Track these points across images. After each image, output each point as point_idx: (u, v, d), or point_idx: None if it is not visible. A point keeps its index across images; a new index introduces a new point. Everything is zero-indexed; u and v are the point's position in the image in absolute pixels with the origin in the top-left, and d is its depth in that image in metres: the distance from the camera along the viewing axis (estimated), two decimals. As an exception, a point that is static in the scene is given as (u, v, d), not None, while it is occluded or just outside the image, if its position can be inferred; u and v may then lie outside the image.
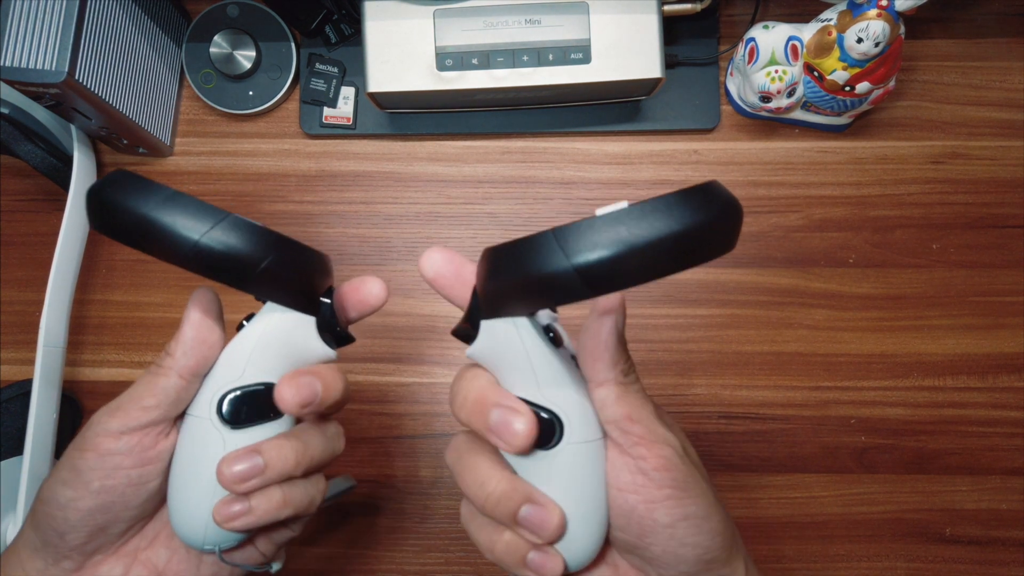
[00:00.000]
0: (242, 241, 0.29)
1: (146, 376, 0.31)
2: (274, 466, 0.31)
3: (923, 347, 0.58)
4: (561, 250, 0.24)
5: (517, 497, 0.29)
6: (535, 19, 0.51)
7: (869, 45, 0.49)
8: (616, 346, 0.30)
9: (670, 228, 0.24)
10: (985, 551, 0.57)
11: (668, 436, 0.30)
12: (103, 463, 0.30)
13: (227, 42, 0.58)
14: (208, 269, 0.29)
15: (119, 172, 0.30)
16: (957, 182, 0.59)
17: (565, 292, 0.24)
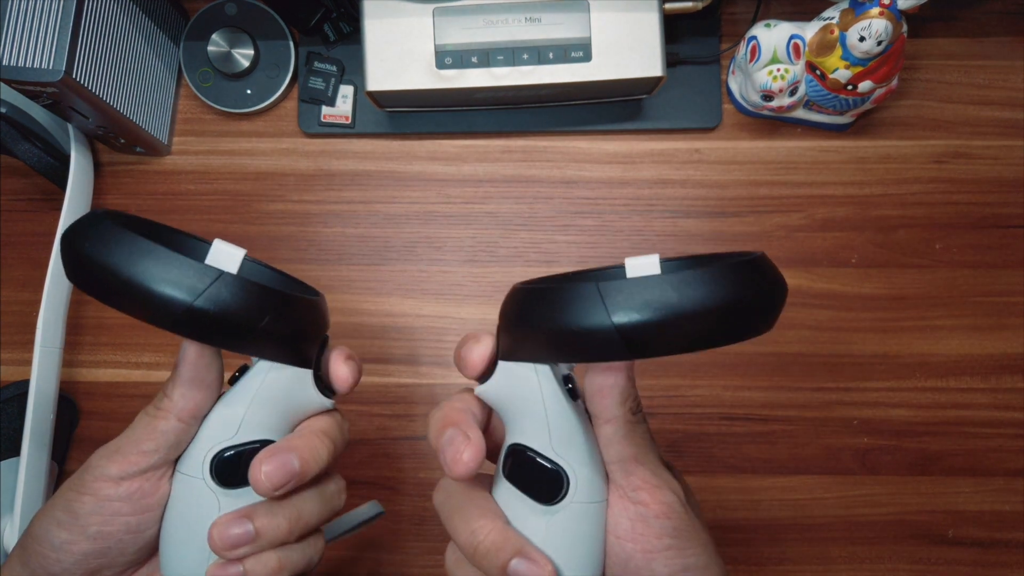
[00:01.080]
0: (240, 302, 0.26)
1: (143, 418, 0.31)
2: (265, 534, 0.30)
3: (926, 348, 0.57)
4: (604, 307, 0.23)
5: (509, 549, 0.28)
6: (535, 17, 0.51)
7: (871, 43, 0.49)
8: (626, 382, 0.29)
9: (720, 300, 0.23)
10: (988, 553, 0.56)
11: (672, 482, 0.29)
12: (101, 509, 0.30)
13: (225, 40, 0.57)
14: (201, 334, 0.27)
15: (97, 215, 0.27)
16: (960, 182, 0.59)
17: (601, 350, 0.24)
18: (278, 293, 0.28)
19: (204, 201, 0.60)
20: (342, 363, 0.33)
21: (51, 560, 0.30)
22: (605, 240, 0.59)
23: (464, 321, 0.58)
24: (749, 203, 0.59)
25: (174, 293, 0.25)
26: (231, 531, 0.29)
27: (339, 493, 0.34)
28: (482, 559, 0.28)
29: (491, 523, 0.29)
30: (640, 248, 0.59)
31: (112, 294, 0.26)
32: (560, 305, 0.24)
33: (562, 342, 0.25)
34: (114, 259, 0.25)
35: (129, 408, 0.35)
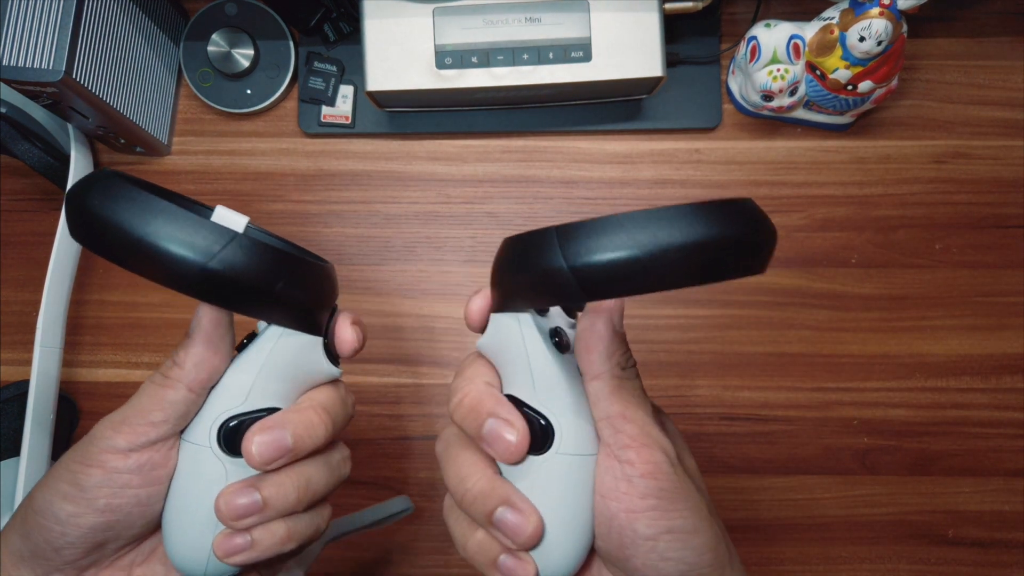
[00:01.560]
0: (255, 264, 0.26)
1: (150, 387, 0.29)
2: (274, 504, 0.30)
3: (926, 348, 0.57)
4: (560, 250, 0.23)
5: (495, 497, 0.28)
6: (535, 17, 0.51)
7: (871, 44, 0.49)
8: (611, 336, 0.28)
9: (681, 238, 0.22)
10: (988, 553, 0.56)
11: (662, 440, 0.28)
12: (110, 481, 0.29)
13: (225, 41, 0.57)
14: (214, 296, 0.26)
15: (106, 173, 0.26)
16: (960, 182, 0.59)
17: (559, 293, 0.23)
18: (293, 257, 0.27)
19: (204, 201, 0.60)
20: (348, 327, 0.33)
21: (55, 533, 0.29)
22: (605, 240, 0.59)
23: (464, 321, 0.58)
24: (749, 203, 0.59)
25: (189, 254, 0.25)
26: (238, 501, 0.29)
27: (344, 462, 0.34)
28: (470, 505, 0.29)
29: (481, 472, 0.29)
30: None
31: (124, 253, 0.25)
32: (524, 251, 0.25)
33: (525, 286, 0.25)
34: (127, 217, 0.24)
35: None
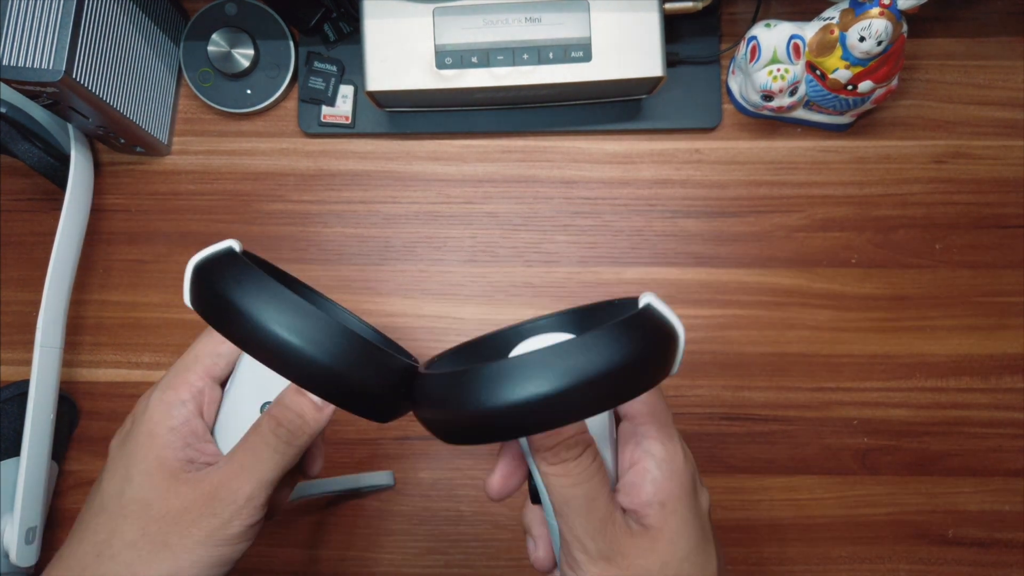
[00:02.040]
0: (382, 380, 0.29)
1: (276, 456, 0.32)
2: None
3: (926, 348, 0.57)
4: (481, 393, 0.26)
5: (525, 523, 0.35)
6: (535, 17, 0.51)
7: (871, 43, 0.49)
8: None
9: (597, 369, 0.25)
10: (988, 553, 0.56)
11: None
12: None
13: (225, 40, 0.57)
14: (334, 398, 0.29)
15: (235, 256, 0.30)
16: (960, 182, 0.59)
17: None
18: (413, 369, 0.31)
19: (204, 201, 0.60)
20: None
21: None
22: (605, 240, 0.59)
23: (464, 321, 0.58)
24: (749, 203, 0.59)
25: (324, 359, 0.27)
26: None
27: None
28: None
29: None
30: (638, 249, 0.59)
31: (254, 346, 0.28)
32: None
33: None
34: (266, 315, 0.27)
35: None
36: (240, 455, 0.32)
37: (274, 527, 0.57)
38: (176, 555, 0.30)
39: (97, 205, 0.59)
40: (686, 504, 0.31)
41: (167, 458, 0.32)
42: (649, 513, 0.30)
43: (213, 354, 0.34)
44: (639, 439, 0.32)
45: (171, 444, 0.32)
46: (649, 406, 0.32)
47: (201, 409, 0.34)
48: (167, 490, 0.31)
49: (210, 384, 0.34)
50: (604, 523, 0.30)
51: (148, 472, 0.32)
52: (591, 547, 0.30)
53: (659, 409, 0.32)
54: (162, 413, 0.33)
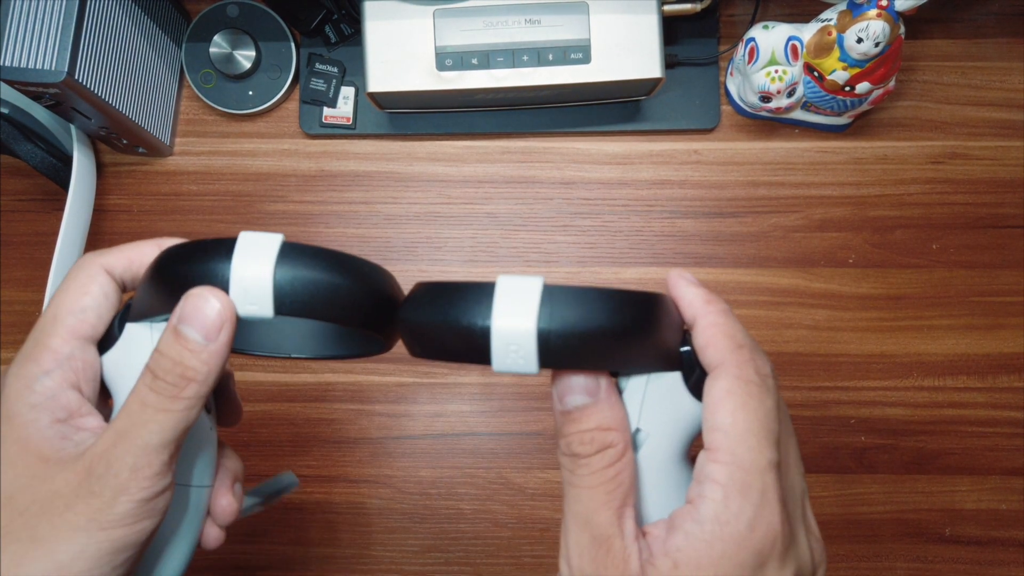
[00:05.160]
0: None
1: (159, 415, 0.26)
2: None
3: (923, 347, 0.58)
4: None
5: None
6: (535, 19, 0.51)
7: (869, 45, 0.49)
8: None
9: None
10: (985, 551, 0.57)
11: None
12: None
13: (227, 42, 0.58)
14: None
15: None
16: (957, 182, 0.59)
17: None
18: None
19: (206, 202, 0.60)
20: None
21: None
22: (604, 240, 0.59)
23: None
24: (747, 204, 0.59)
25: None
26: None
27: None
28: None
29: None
30: (637, 249, 0.59)
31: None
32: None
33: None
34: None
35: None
36: (118, 420, 0.26)
37: (274, 524, 0.57)
38: (51, 549, 0.25)
39: (99, 205, 0.59)
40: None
41: (32, 439, 0.26)
42: (660, 561, 0.24)
43: (76, 310, 0.28)
44: (703, 477, 0.24)
45: (34, 423, 0.26)
46: (731, 441, 0.24)
47: (74, 378, 0.27)
48: (34, 476, 0.26)
49: (80, 346, 0.28)
50: (596, 544, 0.25)
51: (8, 460, 0.26)
52: (574, 562, 0.26)
53: (747, 457, 0.24)
54: (19, 390, 0.27)
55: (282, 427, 0.58)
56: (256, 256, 0.26)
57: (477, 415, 0.58)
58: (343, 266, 0.27)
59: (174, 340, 0.26)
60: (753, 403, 0.24)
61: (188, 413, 0.26)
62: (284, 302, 0.26)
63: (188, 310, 0.26)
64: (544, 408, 0.58)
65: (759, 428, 0.24)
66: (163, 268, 0.27)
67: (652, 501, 0.27)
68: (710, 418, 0.25)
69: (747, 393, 0.24)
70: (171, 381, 0.26)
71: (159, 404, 0.26)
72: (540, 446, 0.58)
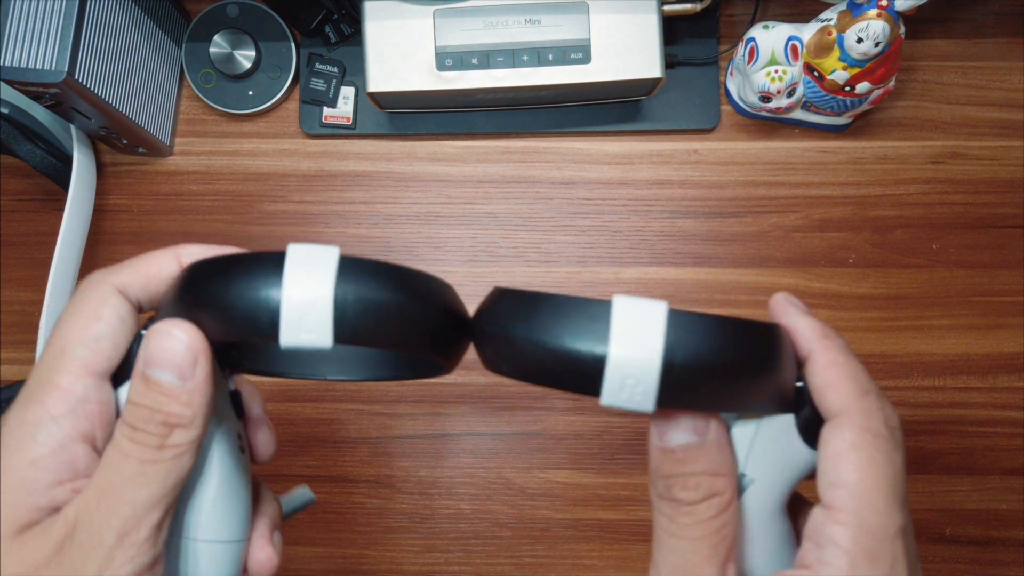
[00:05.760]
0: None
1: (145, 467, 0.23)
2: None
3: (923, 347, 0.58)
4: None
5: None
6: (535, 19, 0.51)
7: (869, 45, 0.49)
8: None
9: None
10: (985, 551, 0.57)
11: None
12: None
13: (227, 42, 0.58)
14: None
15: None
16: (957, 182, 0.59)
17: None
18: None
19: (206, 202, 0.60)
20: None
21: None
22: (604, 240, 0.59)
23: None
24: (747, 203, 0.59)
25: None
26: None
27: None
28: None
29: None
30: (637, 249, 0.59)
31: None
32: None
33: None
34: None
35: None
36: (98, 476, 0.22)
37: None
38: None
39: (99, 205, 0.59)
40: None
41: (21, 505, 0.22)
42: None
43: (88, 340, 0.23)
44: (823, 540, 0.22)
45: (31, 485, 0.22)
46: (859, 499, 0.21)
47: (87, 426, 0.23)
48: (6, 554, 0.21)
49: (94, 384, 0.23)
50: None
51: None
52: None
53: (873, 520, 0.21)
54: (20, 439, 0.22)
55: (282, 427, 0.58)
56: (311, 275, 0.22)
57: (477, 415, 0.58)
58: (411, 286, 0.23)
59: (145, 387, 0.22)
60: (882, 459, 0.22)
61: (178, 462, 0.23)
62: (346, 330, 0.22)
63: (152, 350, 0.23)
64: (544, 408, 0.58)
65: (888, 489, 0.21)
66: (195, 289, 0.23)
67: (751, 554, 0.24)
68: (830, 472, 0.22)
69: (875, 448, 0.22)
70: (152, 431, 0.22)
71: (144, 455, 0.22)
72: (540, 446, 0.58)
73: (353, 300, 0.22)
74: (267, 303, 0.22)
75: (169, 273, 0.25)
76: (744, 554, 0.24)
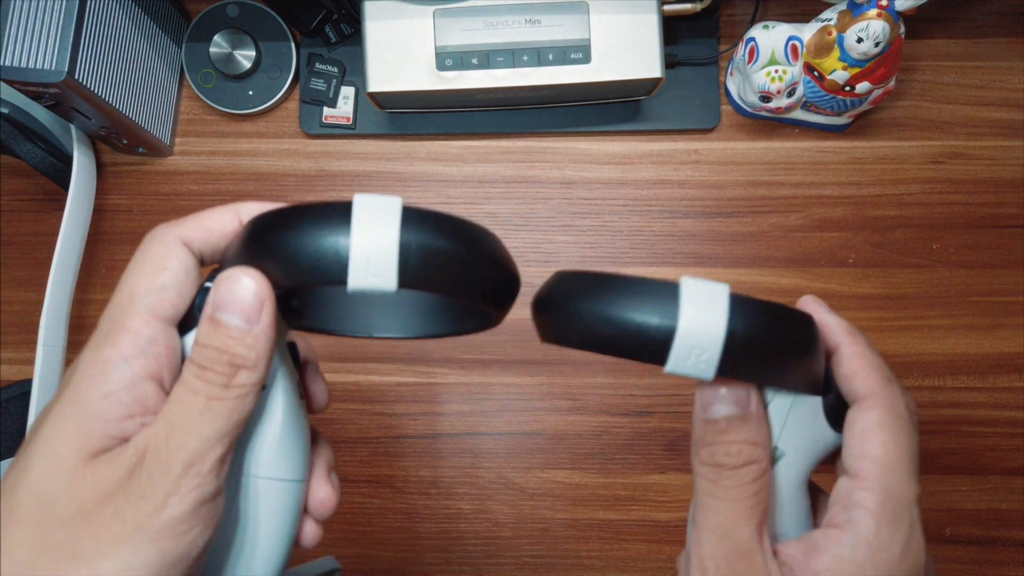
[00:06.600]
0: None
1: (212, 404, 0.24)
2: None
3: (923, 347, 0.58)
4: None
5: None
6: (535, 19, 0.51)
7: (869, 45, 0.49)
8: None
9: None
10: (985, 551, 0.57)
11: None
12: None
13: (227, 42, 0.58)
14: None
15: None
16: (957, 182, 0.59)
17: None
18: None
19: (206, 202, 0.60)
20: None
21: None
22: (604, 240, 0.59)
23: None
24: (747, 203, 0.59)
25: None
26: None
27: None
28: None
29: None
30: (637, 249, 0.59)
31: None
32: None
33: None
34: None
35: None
36: (168, 411, 0.24)
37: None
38: (92, 566, 0.22)
39: (99, 205, 0.59)
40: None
41: (93, 434, 0.23)
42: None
43: (155, 288, 0.25)
44: (851, 503, 0.25)
45: (103, 415, 0.23)
46: (883, 472, 0.24)
47: (156, 367, 0.24)
48: (78, 478, 0.22)
49: (162, 328, 0.24)
50: (736, 556, 0.25)
51: (54, 455, 0.23)
52: (711, 572, 0.25)
53: (897, 489, 0.24)
54: (94, 376, 0.23)
55: (282, 427, 0.58)
56: (378, 221, 0.23)
57: (477, 415, 0.58)
58: (470, 236, 0.25)
59: (214, 330, 0.24)
60: (904, 437, 0.25)
61: (242, 402, 0.24)
62: (409, 275, 0.23)
63: (222, 295, 0.24)
64: (544, 408, 0.58)
65: (908, 463, 0.25)
66: (265, 237, 0.24)
67: (779, 520, 0.27)
68: (858, 447, 0.25)
69: (898, 427, 0.25)
70: (219, 371, 0.23)
71: (210, 392, 0.23)
72: (540, 446, 0.58)
73: (416, 246, 0.23)
74: (336, 247, 0.23)
75: (230, 228, 0.27)
76: (774, 519, 0.27)
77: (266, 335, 0.24)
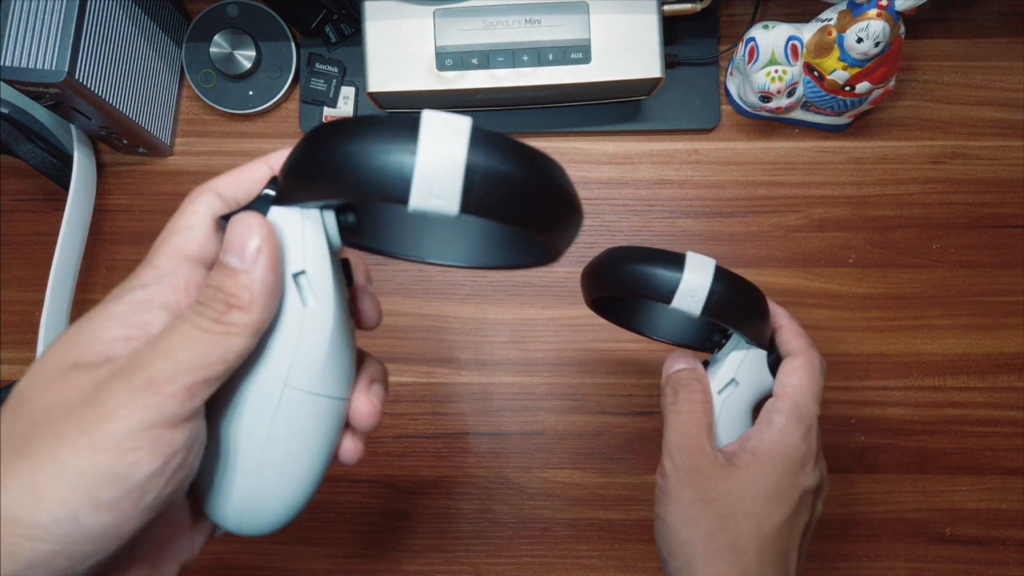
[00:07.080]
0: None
1: (196, 333, 0.23)
2: None
3: (923, 347, 0.58)
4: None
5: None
6: (535, 19, 0.51)
7: (869, 45, 0.49)
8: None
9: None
10: (985, 551, 0.57)
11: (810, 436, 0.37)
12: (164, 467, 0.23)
13: (227, 42, 0.58)
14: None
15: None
16: (957, 182, 0.59)
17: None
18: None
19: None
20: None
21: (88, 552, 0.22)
22: (604, 240, 0.59)
23: (464, 320, 0.59)
24: (747, 203, 0.59)
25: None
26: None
27: None
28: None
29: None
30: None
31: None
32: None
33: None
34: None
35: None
36: (154, 337, 0.24)
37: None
38: (33, 466, 0.22)
39: (100, 205, 0.59)
40: (778, 467, 0.35)
41: (80, 345, 0.24)
42: (740, 455, 0.36)
43: (183, 228, 0.26)
44: (772, 411, 0.37)
45: (98, 332, 0.24)
46: (796, 393, 0.36)
47: (172, 297, 0.25)
48: (54, 382, 0.23)
49: (186, 264, 0.25)
50: (694, 448, 0.36)
51: (42, 362, 0.24)
52: (677, 459, 0.36)
53: (803, 403, 0.36)
54: (109, 300, 0.25)
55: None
56: (445, 141, 0.22)
57: (477, 415, 0.58)
58: (538, 165, 0.23)
59: (217, 269, 0.24)
60: (815, 377, 0.37)
61: (229, 339, 0.23)
62: (472, 200, 0.22)
63: (229, 236, 0.24)
64: (544, 408, 0.58)
65: (815, 392, 0.37)
66: (323, 147, 0.23)
67: (730, 432, 0.38)
68: (784, 379, 0.37)
69: (812, 370, 0.37)
70: (213, 307, 0.24)
71: (198, 323, 0.23)
72: (540, 446, 0.58)
73: (483, 171, 0.22)
74: (401, 164, 0.22)
75: (261, 175, 0.27)
76: (728, 431, 0.38)
77: (261, 278, 0.24)
